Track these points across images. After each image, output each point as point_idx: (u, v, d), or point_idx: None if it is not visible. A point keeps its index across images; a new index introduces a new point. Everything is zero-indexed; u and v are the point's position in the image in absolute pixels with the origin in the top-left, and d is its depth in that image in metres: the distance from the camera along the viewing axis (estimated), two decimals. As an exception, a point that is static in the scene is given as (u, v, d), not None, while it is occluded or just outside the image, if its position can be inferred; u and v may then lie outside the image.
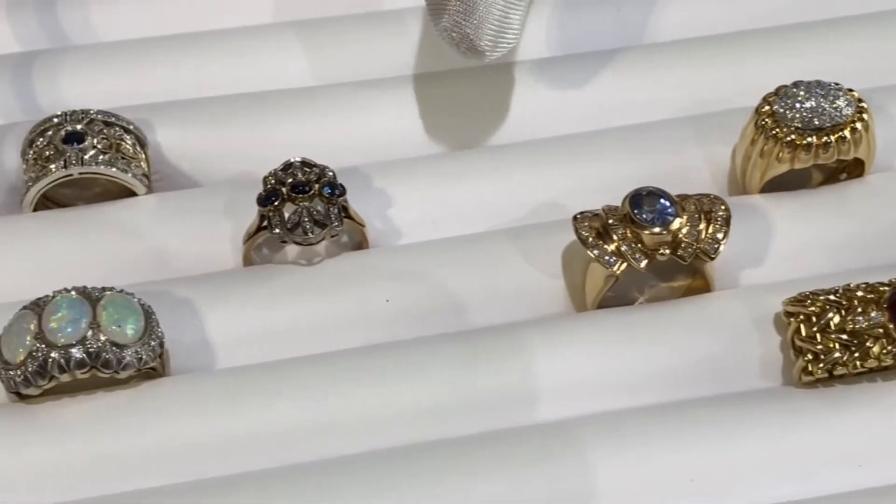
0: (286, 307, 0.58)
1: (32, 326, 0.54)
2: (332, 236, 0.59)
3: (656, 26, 0.70)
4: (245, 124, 0.65)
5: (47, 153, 0.62)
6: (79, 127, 0.62)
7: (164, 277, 0.61)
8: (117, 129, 0.63)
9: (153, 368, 0.56)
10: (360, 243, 0.62)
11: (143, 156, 0.64)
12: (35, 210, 0.63)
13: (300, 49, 0.67)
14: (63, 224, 0.62)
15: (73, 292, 0.55)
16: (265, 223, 0.59)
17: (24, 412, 0.55)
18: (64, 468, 0.54)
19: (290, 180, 0.59)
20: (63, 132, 0.62)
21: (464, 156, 0.63)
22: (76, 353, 0.53)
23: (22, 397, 0.56)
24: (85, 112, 0.63)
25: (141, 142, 0.64)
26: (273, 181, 0.60)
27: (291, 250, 0.62)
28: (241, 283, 0.59)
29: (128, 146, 0.63)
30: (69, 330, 0.54)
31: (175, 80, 0.67)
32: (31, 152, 0.63)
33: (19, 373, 0.54)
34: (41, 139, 0.63)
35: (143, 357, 0.54)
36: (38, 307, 0.55)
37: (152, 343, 0.55)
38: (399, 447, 0.53)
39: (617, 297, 0.58)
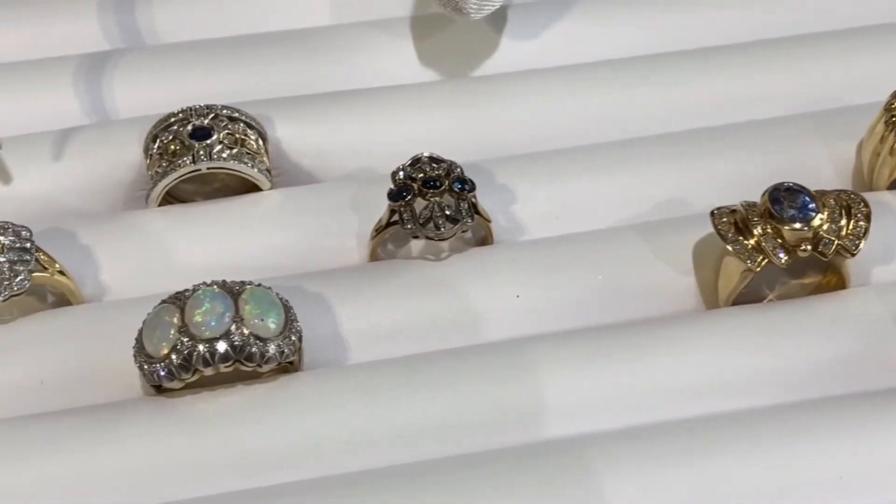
0: (417, 302, 0.59)
1: (175, 320, 0.54)
2: (463, 231, 0.59)
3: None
4: (362, 121, 0.66)
5: (173, 148, 0.62)
6: (205, 122, 0.63)
7: (291, 273, 0.61)
8: (241, 124, 0.64)
9: (291, 362, 0.56)
10: (484, 239, 0.62)
11: (265, 151, 0.65)
12: (158, 205, 0.64)
13: (411, 45, 0.68)
14: (190, 219, 0.62)
15: (214, 286, 0.55)
16: (395, 218, 0.60)
17: (164, 405, 0.55)
18: (204, 462, 0.54)
19: (420, 175, 0.59)
20: (190, 127, 0.62)
21: (587, 151, 0.64)
22: (221, 346, 0.54)
23: (161, 390, 0.56)
24: (210, 107, 0.63)
25: (263, 137, 0.65)
26: (402, 176, 0.60)
27: (415, 246, 0.62)
28: (372, 278, 0.59)
29: (252, 142, 0.64)
30: (213, 323, 0.54)
31: (292, 77, 0.67)
32: (156, 147, 0.63)
33: (163, 366, 0.54)
34: (165, 134, 0.63)
35: (285, 351, 0.55)
36: (179, 301, 0.55)
37: (292, 337, 0.55)
38: (554, 440, 0.54)
39: (748, 293, 0.58)
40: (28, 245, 0.58)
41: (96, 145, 0.65)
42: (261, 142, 0.64)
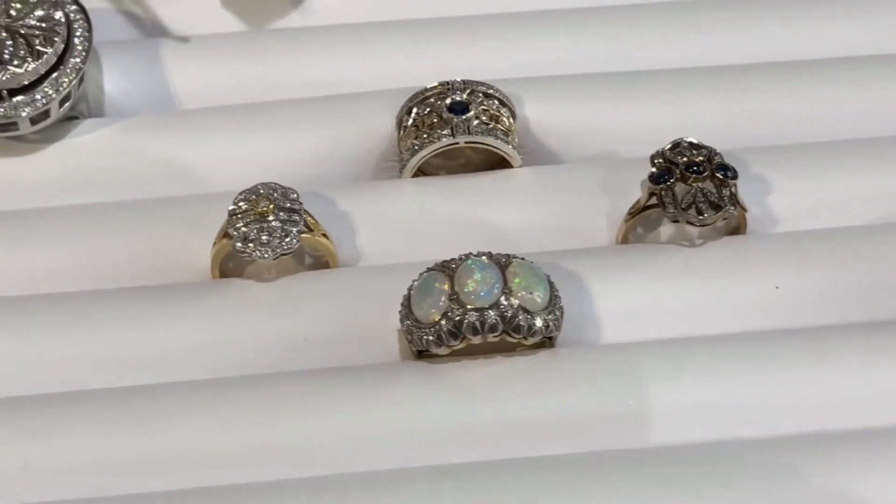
0: (673, 286, 0.59)
1: (446, 287, 0.55)
2: (724, 219, 0.60)
3: None
4: (611, 103, 0.66)
5: (430, 121, 0.63)
6: (463, 97, 0.64)
7: (540, 250, 0.62)
8: (495, 101, 0.64)
9: (549, 337, 0.57)
10: (736, 228, 0.62)
11: (515, 129, 0.65)
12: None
13: (680, 29, 0.68)
14: (443, 191, 0.63)
15: (483, 257, 0.56)
16: (653, 201, 0.60)
17: (428, 371, 0.56)
18: (470, 429, 0.55)
19: (682, 160, 0.60)
20: (448, 101, 0.63)
21: (843, 146, 0.63)
22: (491, 316, 0.54)
23: (422, 355, 0.57)
24: (466, 83, 0.64)
25: (513, 115, 0.65)
26: (662, 160, 0.60)
27: (664, 231, 0.63)
28: (626, 260, 0.60)
29: (504, 119, 0.64)
30: (483, 293, 0.55)
31: (545, 55, 0.68)
32: (411, 120, 0.64)
33: (432, 332, 0.55)
34: (422, 107, 0.64)
35: (550, 325, 0.55)
36: (447, 269, 0.56)
37: (556, 312, 0.56)
38: (812, 433, 0.54)
39: None
40: (297, 206, 0.59)
41: (349, 115, 0.66)
42: (511, 119, 0.65)
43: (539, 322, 0.55)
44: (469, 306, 0.55)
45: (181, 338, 0.59)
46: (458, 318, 0.55)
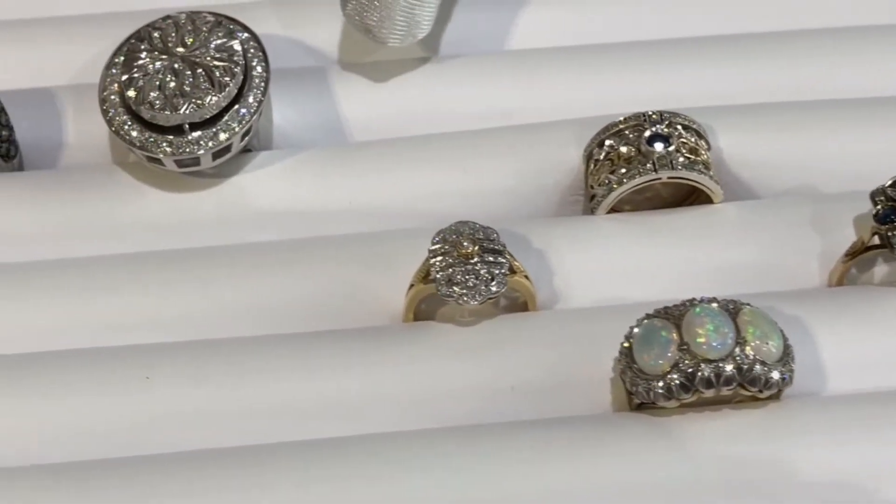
0: (901, 332, 0.56)
1: (674, 336, 0.52)
2: (956, 262, 0.57)
3: None
4: (809, 133, 0.63)
5: (628, 155, 0.60)
6: (662, 129, 0.61)
7: (749, 291, 0.58)
8: (693, 133, 0.61)
9: (780, 389, 0.54)
10: (954, 270, 0.59)
11: (711, 161, 0.62)
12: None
13: (890, 56, 0.65)
14: (642, 228, 0.60)
15: (712, 304, 0.53)
16: (877, 241, 0.57)
17: (653, 424, 0.53)
18: (701, 486, 0.51)
19: (906, 199, 0.57)
20: (647, 134, 0.60)
21: None
22: (727, 369, 0.51)
23: (641, 407, 0.54)
24: (662, 114, 0.61)
25: (709, 146, 0.62)
26: (884, 198, 0.57)
27: (879, 272, 0.59)
28: (848, 304, 0.57)
29: (703, 151, 0.61)
30: (717, 344, 0.51)
31: (734, 84, 0.65)
32: (603, 153, 0.61)
33: (661, 384, 0.52)
34: (616, 139, 0.61)
35: (786, 377, 0.52)
36: (672, 316, 0.53)
37: (791, 364, 0.53)
38: None
39: None
40: (500, 247, 0.56)
41: (533, 146, 0.63)
42: (708, 152, 0.62)
43: (776, 374, 0.52)
44: (703, 357, 0.52)
45: (377, 386, 0.55)
46: (690, 370, 0.51)
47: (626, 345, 0.54)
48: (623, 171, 0.60)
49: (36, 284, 0.59)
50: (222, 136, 0.59)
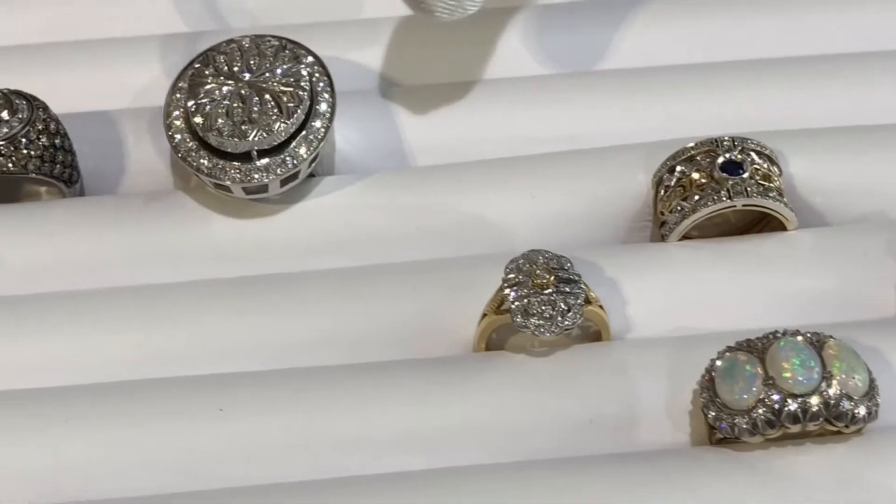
0: None
1: (759, 370, 0.51)
2: None
3: None
4: (883, 158, 0.62)
5: (701, 181, 0.59)
6: (736, 155, 0.60)
7: (826, 321, 0.57)
8: (766, 158, 0.61)
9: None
10: None
11: (783, 187, 0.61)
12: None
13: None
14: (716, 256, 0.59)
15: (797, 337, 0.52)
16: (957, 272, 0.56)
17: (736, 459, 0.52)
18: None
19: None
20: (721, 160, 0.59)
21: None
22: (814, 404, 0.50)
23: (723, 441, 0.53)
24: (735, 140, 0.60)
25: (781, 172, 0.61)
26: (964, 228, 0.56)
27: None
28: (931, 334, 0.56)
29: (775, 178, 0.60)
30: (802, 379, 0.51)
31: (804, 107, 0.64)
32: (674, 179, 0.60)
33: (746, 419, 0.51)
34: (686, 166, 0.60)
35: (872, 412, 0.51)
36: (755, 349, 0.52)
37: (876, 398, 0.52)
38: None
39: None
40: (576, 277, 0.55)
41: (600, 171, 0.62)
42: (780, 178, 0.61)
43: (862, 410, 0.51)
44: (789, 392, 0.51)
45: (454, 418, 0.55)
46: (776, 405, 0.51)
47: (707, 378, 0.53)
48: (696, 198, 0.59)
49: (102, 313, 0.58)
50: (291, 163, 0.58)
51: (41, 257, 0.60)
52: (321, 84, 0.60)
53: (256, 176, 0.58)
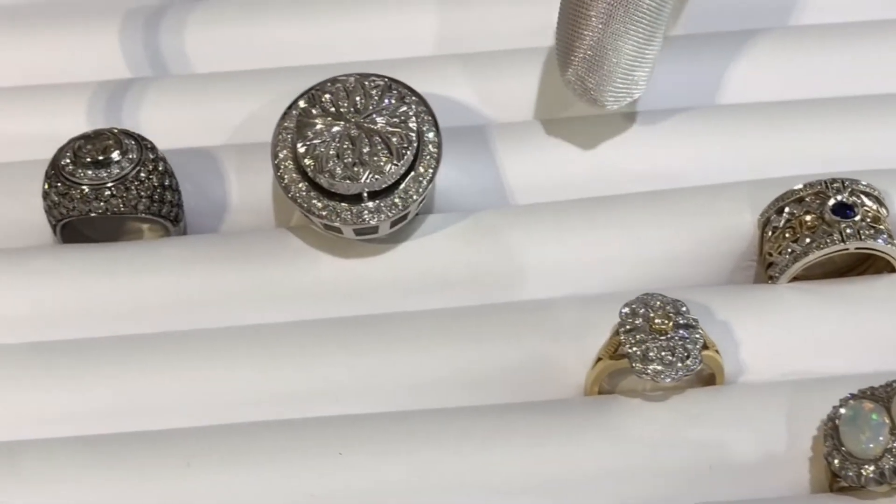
0: None
1: (886, 419, 0.51)
2: None
3: None
4: None
5: (812, 223, 0.59)
6: (846, 198, 0.59)
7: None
8: (874, 199, 0.60)
9: None
10: None
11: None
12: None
13: None
14: (828, 298, 0.58)
15: (930, 385, 0.52)
16: None
17: (853, 505, 0.52)
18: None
19: None
20: (832, 203, 0.59)
21: None
22: (941, 452, 0.50)
23: (844, 489, 0.53)
24: (844, 182, 0.60)
25: (888, 213, 0.61)
26: None
27: None
28: None
29: (883, 219, 0.60)
30: (929, 427, 0.51)
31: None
32: (783, 220, 0.60)
33: (873, 469, 0.51)
34: (796, 208, 0.59)
35: None
36: (879, 397, 0.52)
37: None
38: None
39: None
40: (693, 321, 0.55)
41: (705, 210, 0.61)
42: (888, 219, 0.61)
43: (983, 459, 0.51)
44: (916, 441, 0.51)
45: (574, 465, 0.54)
46: (904, 454, 0.51)
47: (830, 425, 0.53)
48: (808, 240, 0.59)
49: (207, 352, 0.58)
50: (401, 205, 0.58)
51: (147, 296, 0.60)
52: (426, 125, 0.60)
53: (367, 217, 0.58)
